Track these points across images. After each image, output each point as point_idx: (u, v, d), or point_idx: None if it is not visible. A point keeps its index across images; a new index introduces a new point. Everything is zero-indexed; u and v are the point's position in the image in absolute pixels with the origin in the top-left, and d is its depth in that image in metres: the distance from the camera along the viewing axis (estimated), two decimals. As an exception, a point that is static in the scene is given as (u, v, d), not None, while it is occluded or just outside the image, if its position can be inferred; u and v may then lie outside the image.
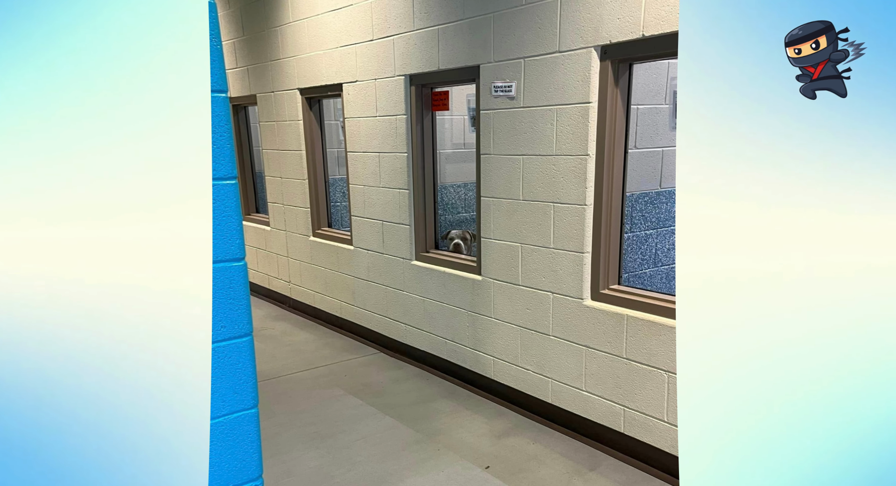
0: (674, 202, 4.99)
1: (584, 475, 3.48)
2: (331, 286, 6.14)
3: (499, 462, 3.64)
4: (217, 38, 1.31)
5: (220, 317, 1.45)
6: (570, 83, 3.52)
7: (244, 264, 1.48)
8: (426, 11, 4.36)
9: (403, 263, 5.10)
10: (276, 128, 6.47)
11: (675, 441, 3.36)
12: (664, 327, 3.30)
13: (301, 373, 5.14)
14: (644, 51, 3.21)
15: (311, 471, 3.58)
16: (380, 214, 5.24)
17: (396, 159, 4.92)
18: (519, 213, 3.98)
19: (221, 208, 1.41)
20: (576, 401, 3.88)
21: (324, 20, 5.38)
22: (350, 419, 4.23)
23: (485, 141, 4.13)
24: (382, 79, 4.90)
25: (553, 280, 3.85)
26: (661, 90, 4.81)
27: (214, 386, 1.47)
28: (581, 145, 3.52)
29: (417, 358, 5.24)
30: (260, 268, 7.45)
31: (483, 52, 4.01)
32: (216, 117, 1.35)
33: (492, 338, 4.40)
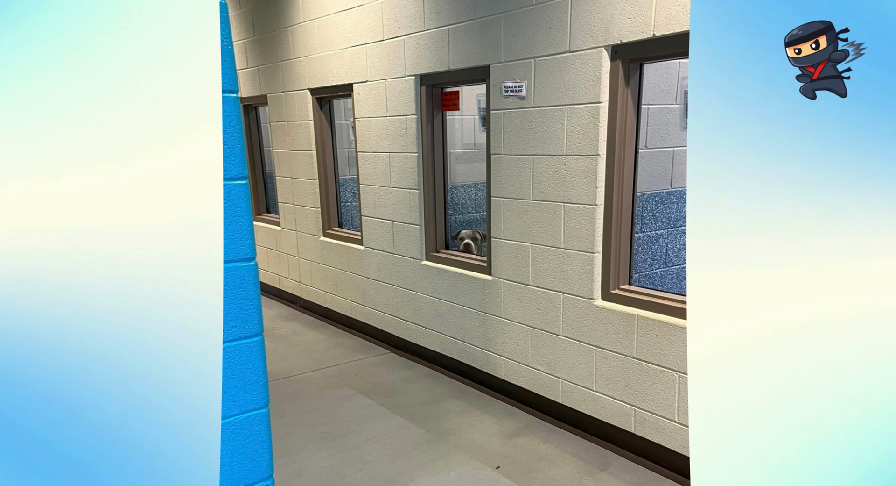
0: (684, 202, 4.97)
1: (594, 476, 3.47)
2: (341, 286, 6.15)
3: (509, 462, 3.63)
4: (228, 38, 1.31)
5: (230, 317, 1.46)
6: (580, 83, 3.51)
7: (255, 264, 1.48)
8: (436, 11, 4.36)
9: (414, 263, 5.11)
10: (286, 128, 6.48)
11: (685, 442, 3.35)
12: (675, 328, 3.29)
13: (312, 373, 5.15)
14: (655, 51, 3.19)
15: (322, 471, 3.59)
16: (390, 215, 5.24)
17: (407, 159, 4.92)
18: (529, 213, 3.98)
19: (232, 208, 1.41)
20: (586, 401, 3.87)
21: (334, 20, 5.39)
22: (360, 419, 4.23)
23: (495, 141, 4.12)
24: (393, 79, 4.90)
25: (563, 280, 3.84)
26: (672, 90, 4.79)
27: (225, 386, 1.48)
28: (591, 145, 3.51)
29: (428, 358, 5.24)
30: (271, 268, 7.46)
31: (493, 52, 4.01)
32: (227, 118, 1.35)
33: (502, 338, 4.40)
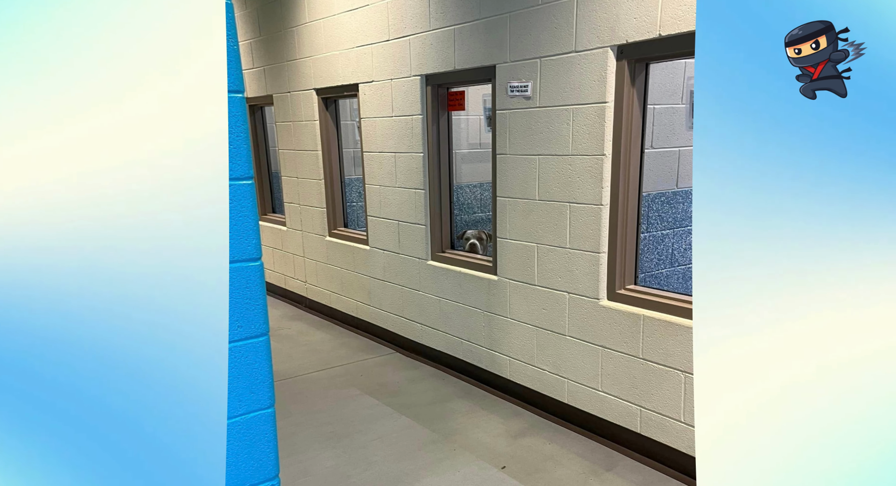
0: (690, 202, 4.96)
1: (600, 476, 3.47)
2: (347, 286, 6.15)
3: (515, 462, 3.63)
4: (234, 38, 1.31)
5: (236, 317, 1.46)
6: (586, 83, 3.51)
7: (260, 264, 1.48)
8: (442, 11, 4.37)
9: (419, 263, 5.11)
10: (292, 128, 6.49)
11: (691, 442, 3.34)
12: (681, 328, 3.29)
13: (317, 373, 5.15)
14: (661, 50, 3.19)
15: (328, 471, 3.59)
16: (396, 214, 5.24)
17: (412, 159, 4.92)
18: (535, 213, 3.97)
19: (238, 208, 1.42)
20: (592, 401, 3.87)
21: (340, 20, 5.39)
22: (366, 419, 4.24)
23: (501, 141, 4.12)
24: (398, 79, 4.90)
25: (569, 280, 3.84)
26: (678, 90, 4.79)
27: (231, 386, 1.48)
28: (597, 145, 3.51)
29: (433, 358, 5.24)
30: (276, 268, 7.48)
31: (499, 51, 4.01)
32: (233, 118, 1.36)
33: (508, 338, 4.40)
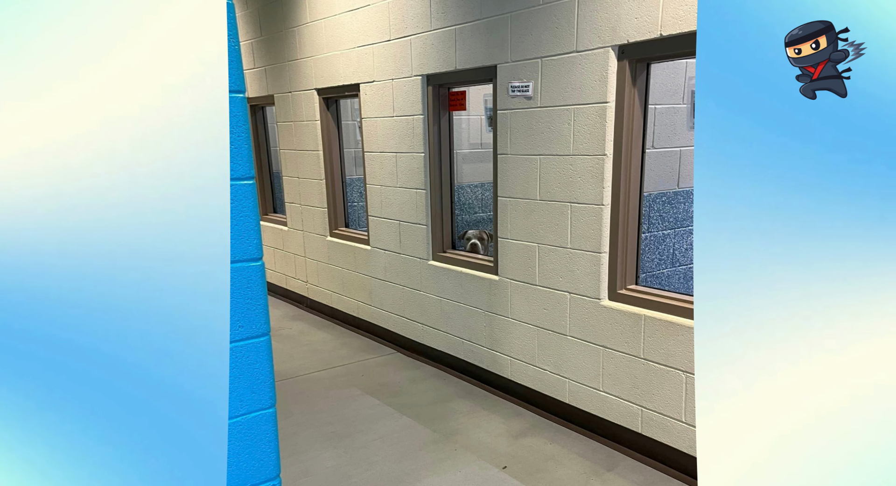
0: (691, 202, 4.96)
1: (601, 476, 3.47)
2: (348, 286, 6.15)
3: (516, 462, 3.63)
4: (235, 38, 1.31)
5: (237, 317, 1.46)
6: (587, 83, 3.51)
7: (261, 264, 1.48)
8: (443, 11, 4.37)
9: (420, 263, 5.11)
10: (293, 128, 6.49)
11: (692, 442, 3.34)
12: (682, 328, 3.29)
13: (318, 373, 5.15)
14: (662, 50, 3.19)
15: (329, 471, 3.59)
16: (397, 215, 5.24)
17: (413, 159, 4.92)
18: (536, 213, 3.97)
19: (239, 208, 1.42)
20: (593, 401, 3.87)
21: (341, 20, 5.39)
22: (367, 419, 4.24)
23: (502, 141, 4.12)
24: (399, 79, 4.90)
25: (570, 280, 3.84)
26: (679, 90, 4.79)
27: (232, 386, 1.48)
28: (598, 145, 3.51)
29: (434, 358, 5.24)
30: (277, 268, 7.48)
31: (500, 52, 4.01)
32: (234, 118, 1.36)
33: (509, 338, 4.40)
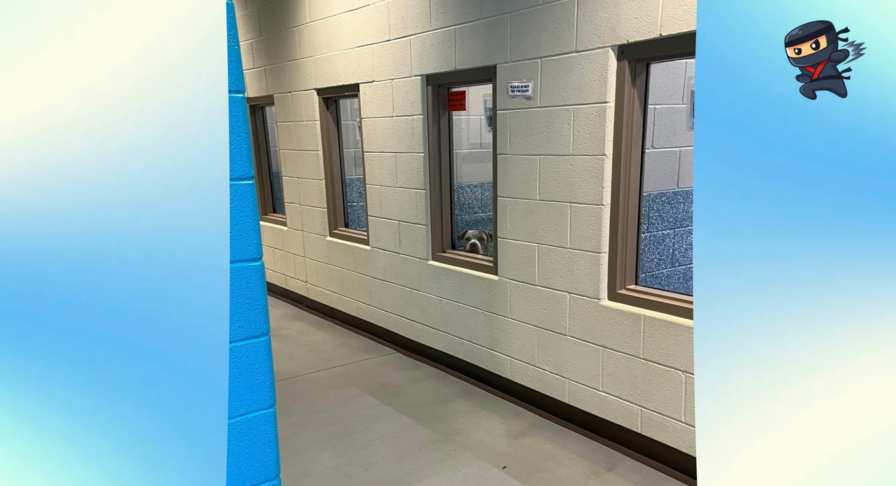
0: (691, 202, 4.96)
1: (601, 476, 3.47)
2: (347, 286, 6.15)
3: (516, 463, 3.63)
4: (234, 38, 1.31)
5: (237, 317, 1.46)
6: (587, 83, 3.51)
7: (261, 264, 1.48)
8: (443, 11, 4.37)
9: (420, 263, 5.11)
10: (293, 128, 6.50)
11: (692, 442, 3.34)
12: (681, 328, 3.29)
13: (318, 373, 5.15)
14: (661, 50, 3.19)
15: (329, 471, 3.59)
16: (396, 215, 5.24)
17: (413, 159, 4.92)
18: (536, 213, 3.97)
19: (238, 208, 1.42)
20: (593, 401, 3.87)
21: (341, 20, 5.39)
22: (367, 419, 4.24)
23: (501, 141, 4.12)
24: (399, 79, 4.90)
25: (570, 280, 3.84)
26: (679, 90, 4.79)
27: (232, 386, 1.48)
28: (598, 145, 3.51)
29: (434, 358, 5.24)
30: (277, 268, 7.48)
31: (500, 52, 4.01)
32: (233, 118, 1.36)
33: (508, 338, 4.40)
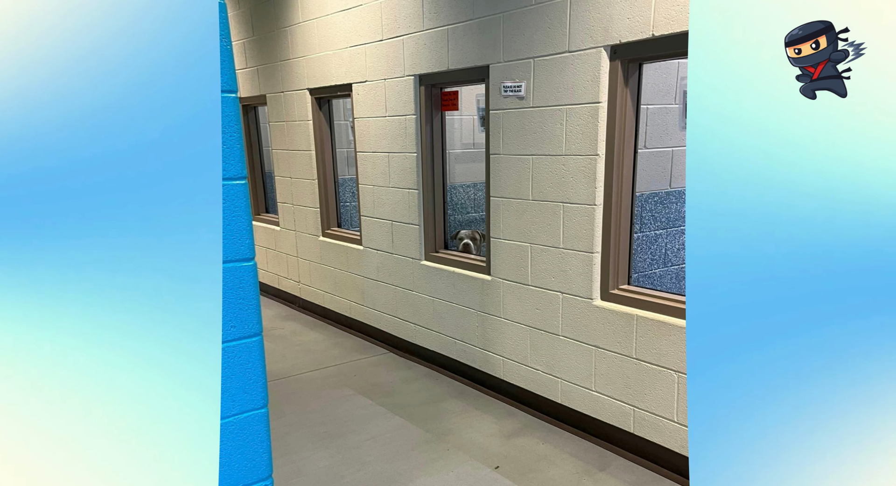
0: (683, 202, 4.97)
1: (593, 476, 3.47)
2: (340, 286, 6.15)
3: (508, 462, 3.63)
4: (227, 38, 1.31)
5: (229, 317, 1.46)
6: (579, 83, 3.51)
7: (254, 264, 1.48)
8: (435, 11, 4.37)
9: (413, 263, 5.11)
10: (285, 128, 6.48)
11: (685, 441, 3.35)
12: (674, 328, 3.29)
13: (311, 373, 5.15)
14: (654, 51, 3.20)
15: (321, 471, 3.59)
16: (389, 215, 5.24)
17: (406, 159, 4.92)
18: (528, 213, 3.98)
19: (231, 208, 1.42)
20: (585, 401, 3.88)
21: (333, 20, 5.39)
22: (360, 419, 4.23)
23: (494, 141, 4.12)
24: (392, 79, 4.90)
25: (562, 280, 3.84)
26: (671, 90, 4.80)
27: (224, 386, 1.48)
28: (591, 145, 3.52)
29: (427, 358, 5.24)
30: (270, 268, 7.46)
31: (492, 52, 4.01)
32: (226, 118, 1.35)
33: (501, 338, 4.40)
